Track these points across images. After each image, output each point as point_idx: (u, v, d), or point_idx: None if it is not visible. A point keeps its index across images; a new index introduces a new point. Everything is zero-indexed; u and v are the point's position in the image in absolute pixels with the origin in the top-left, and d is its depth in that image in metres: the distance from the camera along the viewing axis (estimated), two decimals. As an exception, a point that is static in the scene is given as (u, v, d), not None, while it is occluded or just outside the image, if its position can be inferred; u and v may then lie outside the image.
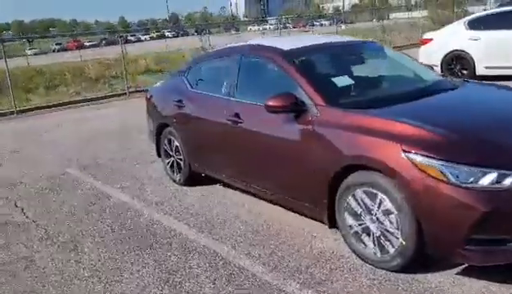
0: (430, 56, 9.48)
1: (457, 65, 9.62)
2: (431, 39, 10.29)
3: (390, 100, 3.41)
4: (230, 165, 4.41)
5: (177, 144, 5.03)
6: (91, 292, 3.19)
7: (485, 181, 2.61)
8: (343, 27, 35.79)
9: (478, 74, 9.24)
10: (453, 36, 9.84)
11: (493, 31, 9.21)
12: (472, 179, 2.63)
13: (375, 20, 43.52)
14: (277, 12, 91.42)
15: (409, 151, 2.78)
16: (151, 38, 59.99)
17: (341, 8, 72.85)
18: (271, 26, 52.69)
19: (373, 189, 3.01)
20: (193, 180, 5.07)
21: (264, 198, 4.28)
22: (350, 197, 3.17)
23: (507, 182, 2.60)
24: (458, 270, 2.98)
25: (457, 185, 2.64)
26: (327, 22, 51.21)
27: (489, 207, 2.58)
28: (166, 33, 50.96)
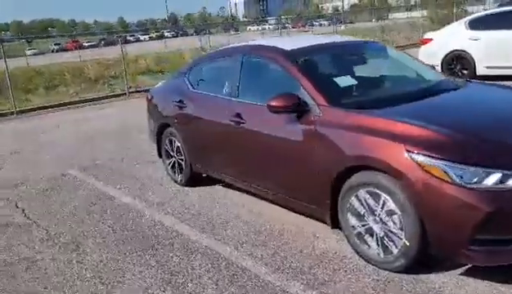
0: (430, 56, 9.46)
1: (457, 65, 9.62)
2: (431, 39, 10.29)
3: (393, 101, 3.40)
4: (232, 165, 4.40)
5: (179, 144, 5.02)
6: (93, 294, 3.18)
7: (489, 181, 2.60)
8: (342, 27, 35.78)
9: (479, 74, 9.24)
10: (453, 36, 9.84)
11: (493, 31, 9.21)
12: (476, 179, 2.62)
13: (374, 20, 43.60)
14: (277, 12, 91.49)
15: (413, 151, 2.77)
16: (150, 38, 59.96)
17: (340, 8, 72.79)
18: (270, 26, 52.77)
19: (376, 190, 2.99)
20: (194, 181, 5.06)
21: (266, 199, 4.27)
22: (353, 197, 3.16)
23: (511, 182, 2.60)
24: (462, 271, 2.97)
25: (461, 186, 2.64)
26: (326, 22, 51.22)
27: (493, 208, 2.57)
28: (165, 34, 50.94)
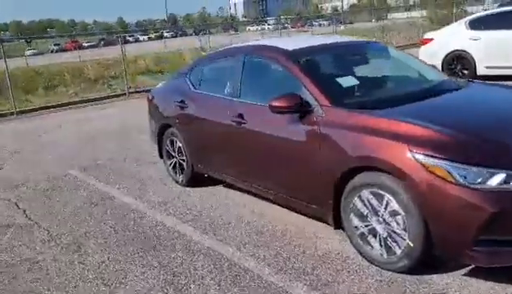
0: (431, 56, 9.46)
1: (458, 65, 9.61)
2: (431, 39, 10.29)
3: (396, 101, 3.39)
4: (233, 165, 4.39)
5: (180, 144, 5.01)
6: (95, 295, 3.17)
7: (493, 182, 2.59)
8: (341, 27, 35.76)
9: (479, 74, 9.23)
10: (454, 36, 9.84)
11: (494, 31, 9.21)
12: (480, 179, 2.62)
13: (374, 21, 43.60)
14: (276, 12, 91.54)
15: (416, 152, 2.76)
16: (149, 39, 59.97)
17: (339, 8, 72.81)
18: (269, 26, 52.74)
19: (380, 190, 2.99)
20: (195, 181, 5.04)
21: (268, 199, 4.27)
22: (356, 198, 3.15)
23: None
24: (465, 271, 2.96)
25: (465, 186, 2.63)
26: (326, 22, 51.22)
27: (497, 208, 2.56)
28: (165, 34, 50.92)
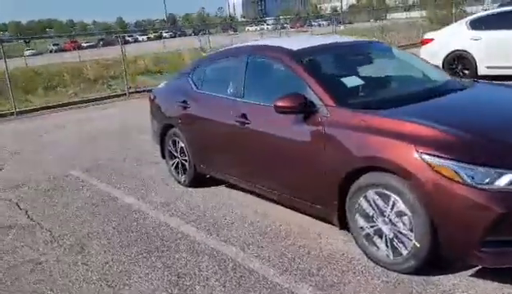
0: (431, 56, 9.42)
1: (459, 65, 9.61)
2: (432, 39, 10.28)
3: (400, 101, 3.37)
4: (237, 166, 4.37)
5: (182, 145, 4.99)
6: (100, 296, 3.15)
7: (501, 182, 2.58)
8: (341, 27, 35.77)
9: (480, 74, 9.23)
10: (454, 36, 9.84)
11: (494, 31, 9.20)
12: (487, 180, 2.60)
13: (373, 21, 43.61)
14: (275, 13, 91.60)
15: (423, 152, 2.74)
16: (148, 39, 59.92)
17: (338, 8, 72.82)
18: (268, 26, 52.76)
19: (385, 191, 2.97)
20: (198, 182, 5.03)
21: (271, 199, 4.25)
22: (361, 198, 3.13)
23: None
24: (472, 272, 2.95)
25: (472, 186, 2.61)
26: (325, 22, 51.24)
27: (505, 209, 2.54)
28: (164, 34, 50.89)
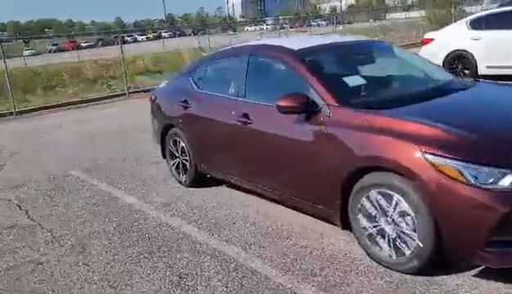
0: (432, 56, 9.37)
1: (459, 65, 9.60)
2: (432, 39, 10.28)
3: (403, 100, 3.36)
4: (238, 166, 4.36)
5: (183, 145, 4.97)
6: (101, 296, 3.14)
7: (505, 182, 2.57)
8: (340, 27, 35.75)
9: (480, 74, 9.22)
10: (455, 36, 9.84)
11: (494, 31, 9.20)
12: (492, 179, 2.59)
13: (372, 21, 43.65)
14: (274, 13, 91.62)
15: (427, 152, 2.73)
16: (148, 39, 59.84)
17: (338, 9, 72.85)
18: (268, 26, 52.73)
19: (388, 191, 2.96)
20: (199, 182, 5.01)
21: (273, 199, 4.24)
22: (364, 198, 3.12)
23: None
24: (476, 272, 2.94)
25: (476, 186, 2.61)
26: (324, 22, 51.24)
27: (509, 209, 2.53)
28: (163, 34, 50.82)
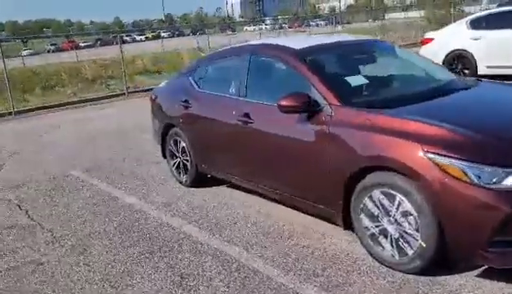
0: (431, 56, 9.35)
1: (459, 65, 9.59)
2: (432, 39, 10.27)
3: (405, 100, 3.35)
4: (239, 165, 4.34)
5: (184, 144, 4.96)
6: (103, 297, 3.12)
7: (509, 182, 2.56)
8: (339, 27, 35.73)
9: (480, 74, 9.21)
10: (454, 35, 9.84)
11: (494, 31, 9.21)
12: (495, 179, 2.58)
13: (371, 21, 43.67)
14: (273, 13, 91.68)
15: (430, 151, 2.72)
16: (146, 39, 59.76)
17: (337, 8, 72.89)
18: (267, 26, 52.75)
19: (391, 190, 2.95)
20: (199, 182, 4.99)
21: (274, 199, 4.23)
22: (367, 198, 3.11)
23: None
24: (478, 272, 2.93)
25: (480, 186, 2.60)
26: (323, 22, 51.25)
27: (513, 208, 2.53)
28: (162, 34, 50.79)
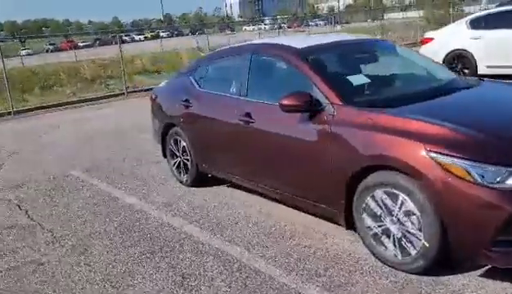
0: (431, 55, 9.32)
1: (459, 64, 9.59)
2: (432, 38, 10.27)
3: (407, 99, 3.34)
4: (240, 165, 4.33)
5: (184, 144, 4.94)
6: (104, 297, 3.11)
7: (512, 181, 2.55)
8: (338, 27, 35.74)
9: (480, 73, 9.21)
10: (454, 35, 9.83)
11: (494, 30, 9.20)
12: (499, 178, 2.57)
13: (370, 21, 43.68)
14: (272, 13, 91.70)
15: (433, 150, 2.71)
16: (145, 38, 59.71)
17: (336, 9, 72.93)
18: (266, 26, 52.72)
19: (394, 190, 2.94)
20: (200, 181, 4.98)
21: (274, 199, 4.22)
22: (369, 197, 3.10)
23: None
24: (482, 272, 2.92)
25: (483, 185, 2.59)
26: (322, 22, 51.25)
27: (517, 208, 2.52)
28: (161, 34, 50.74)
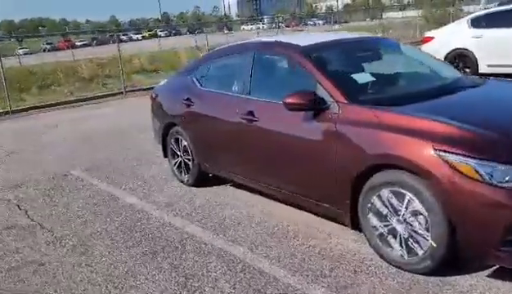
0: (432, 55, 9.41)
1: (460, 63, 9.55)
2: (433, 37, 10.25)
3: (413, 98, 3.30)
4: (242, 164, 4.28)
5: (186, 143, 4.89)
6: (106, 298, 3.06)
7: (522, 180, 2.51)
8: (336, 26, 35.72)
9: (481, 72, 9.19)
10: (455, 34, 9.81)
11: (495, 29, 9.17)
12: (508, 177, 2.53)
13: (368, 20, 43.70)
14: (270, 12, 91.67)
15: (441, 149, 2.67)
16: (143, 38, 59.61)
17: (334, 7, 72.92)
18: (264, 25, 52.66)
19: (400, 189, 2.89)
20: (201, 181, 4.93)
21: (277, 198, 4.17)
22: (375, 197, 3.05)
23: None
24: (490, 272, 2.88)
25: (492, 184, 2.55)
26: (321, 21, 51.24)
27: (526, 207, 2.48)
28: (159, 33, 50.64)
